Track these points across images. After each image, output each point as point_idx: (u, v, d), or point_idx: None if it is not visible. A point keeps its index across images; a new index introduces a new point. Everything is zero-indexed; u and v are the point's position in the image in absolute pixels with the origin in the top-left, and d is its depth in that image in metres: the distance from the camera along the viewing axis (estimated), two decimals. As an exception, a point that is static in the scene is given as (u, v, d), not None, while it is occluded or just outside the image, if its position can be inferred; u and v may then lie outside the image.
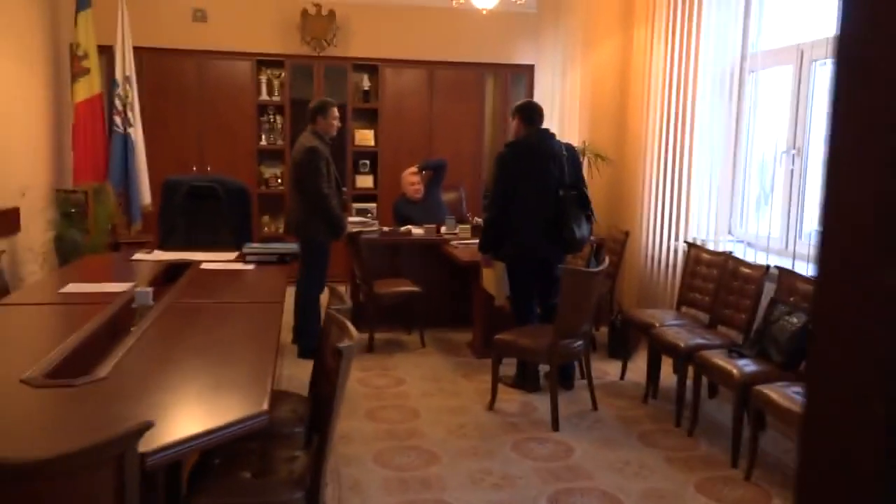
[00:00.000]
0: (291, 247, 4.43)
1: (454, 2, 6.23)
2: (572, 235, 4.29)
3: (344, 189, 5.75)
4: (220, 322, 2.91)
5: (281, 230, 7.56)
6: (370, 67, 7.56)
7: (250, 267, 4.10)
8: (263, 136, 7.47)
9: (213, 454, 2.27)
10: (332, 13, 7.37)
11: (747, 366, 3.48)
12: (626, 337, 4.72)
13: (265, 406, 1.93)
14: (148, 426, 1.61)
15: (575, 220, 4.36)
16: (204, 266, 4.05)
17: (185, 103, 7.20)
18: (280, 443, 2.47)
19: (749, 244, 5.27)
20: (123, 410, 1.93)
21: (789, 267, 4.19)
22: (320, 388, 2.51)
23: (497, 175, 4.37)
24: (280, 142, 7.46)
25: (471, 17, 7.58)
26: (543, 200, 4.27)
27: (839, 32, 0.61)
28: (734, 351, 3.66)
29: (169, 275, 3.96)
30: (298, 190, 4.96)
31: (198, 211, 5.03)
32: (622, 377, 4.70)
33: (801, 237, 4.82)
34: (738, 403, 3.39)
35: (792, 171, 4.83)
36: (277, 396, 2.79)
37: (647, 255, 5.80)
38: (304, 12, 7.32)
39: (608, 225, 6.04)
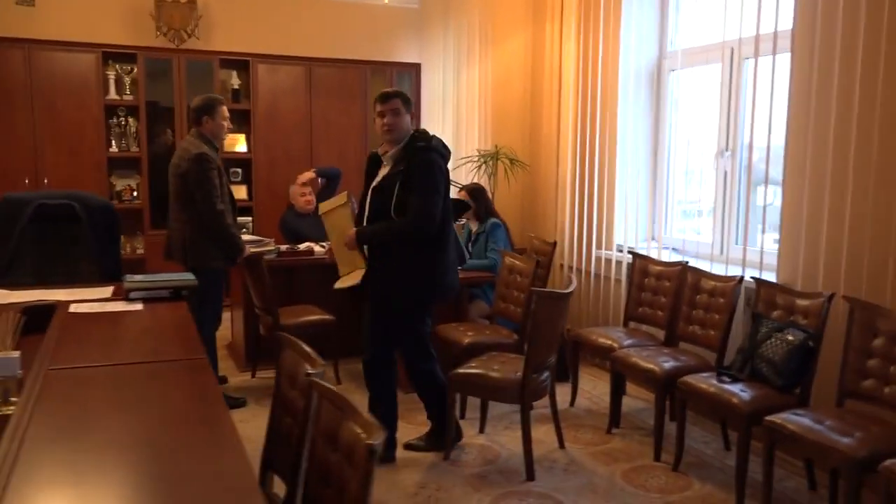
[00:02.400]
0: (186, 277, 3.55)
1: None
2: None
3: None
4: (139, 397, 2.08)
5: (139, 252, 6.47)
6: (240, 63, 6.65)
7: (137, 307, 3.20)
8: (114, 142, 6.34)
9: None
10: (192, 0, 6.40)
11: (744, 392, 3.13)
12: (574, 357, 4.26)
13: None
14: None
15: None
16: (74, 309, 3.11)
17: (12, 103, 5.94)
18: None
19: (676, 250, 5.03)
20: None
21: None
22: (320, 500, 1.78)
23: (434, 185, 3.32)
24: (134, 148, 6.38)
25: (350, 11, 6.95)
26: (450, 216, 3.46)
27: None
28: (724, 374, 3.30)
29: (23, 324, 2.99)
30: (184, 206, 4.08)
31: (49, 236, 4.00)
32: (572, 403, 4.25)
33: (737, 241, 4.63)
34: (744, 437, 3.01)
35: (726, 172, 4.63)
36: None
37: (572, 267, 5.43)
38: (160, -2, 6.32)
39: (525, 234, 5.61)
